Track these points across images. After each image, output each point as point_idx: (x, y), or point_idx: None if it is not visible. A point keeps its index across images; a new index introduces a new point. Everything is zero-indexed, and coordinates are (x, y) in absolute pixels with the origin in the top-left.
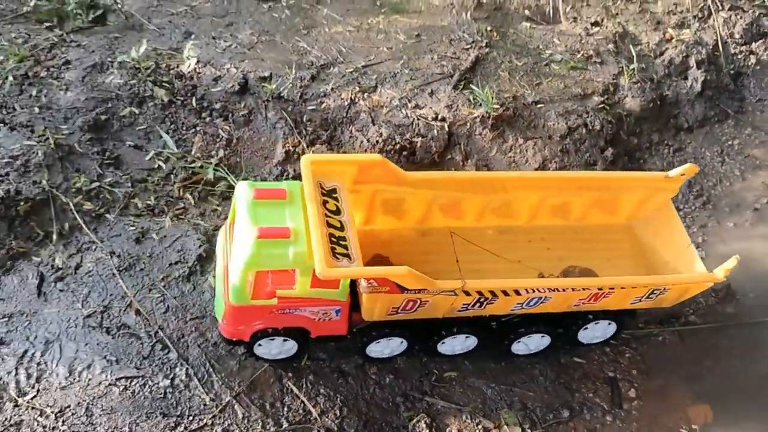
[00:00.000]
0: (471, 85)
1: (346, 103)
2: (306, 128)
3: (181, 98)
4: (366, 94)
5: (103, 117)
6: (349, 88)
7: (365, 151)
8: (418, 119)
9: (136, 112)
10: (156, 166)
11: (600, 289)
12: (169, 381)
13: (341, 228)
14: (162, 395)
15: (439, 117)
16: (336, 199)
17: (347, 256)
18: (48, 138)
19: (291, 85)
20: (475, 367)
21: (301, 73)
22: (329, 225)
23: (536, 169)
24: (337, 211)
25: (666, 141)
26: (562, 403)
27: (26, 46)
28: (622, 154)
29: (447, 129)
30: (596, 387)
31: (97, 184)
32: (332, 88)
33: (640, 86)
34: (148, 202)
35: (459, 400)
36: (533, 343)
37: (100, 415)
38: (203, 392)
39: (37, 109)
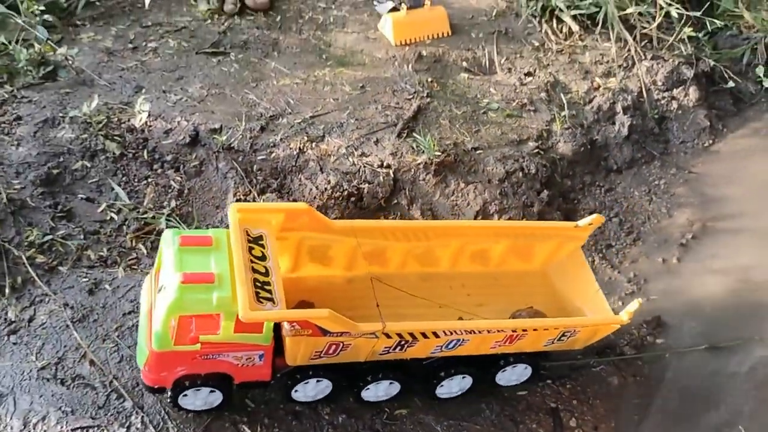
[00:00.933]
0: (414, 133)
1: (295, 153)
2: (256, 177)
3: (133, 151)
4: (314, 144)
5: (55, 171)
6: (297, 138)
7: (314, 198)
8: (365, 166)
9: (88, 165)
10: (108, 217)
11: (514, 331)
12: (125, 430)
13: (266, 273)
14: None
15: (385, 164)
16: (262, 245)
17: (271, 300)
18: (0, 193)
19: (241, 136)
20: (424, 403)
21: (250, 124)
22: (254, 270)
23: (477, 211)
24: (263, 257)
25: (597, 182)
26: None
27: None
28: (557, 195)
29: (392, 175)
30: (539, 418)
31: (49, 237)
32: (281, 138)
33: (571, 132)
34: (101, 253)
35: None
36: (455, 385)
37: None
38: None
39: None
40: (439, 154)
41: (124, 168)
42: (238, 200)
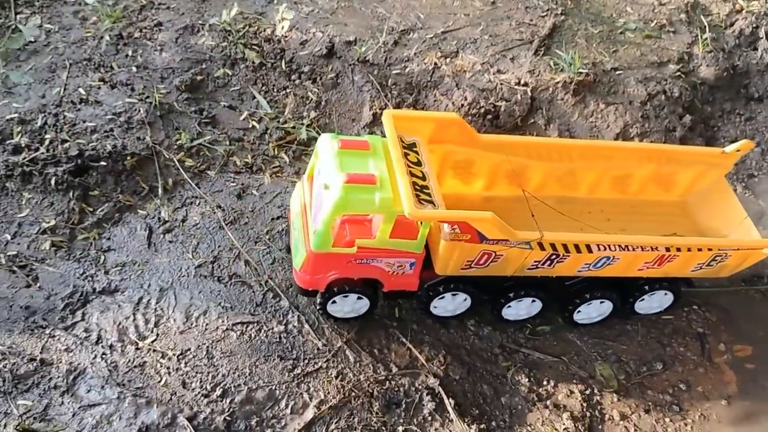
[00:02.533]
0: (551, 51)
1: (429, 68)
2: (391, 91)
3: (271, 60)
4: (448, 59)
5: (198, 77)
6: (431, 53)
7: None
8: (501, 84)
9: (229, 73)
10: (250, 125)
11: (668, 249)
12: (283, 327)
13: (423, 178)
14: (277, 340)
15: (522, 82)
16: (416, 152)
17: (431, 202)
18: (149, 96)
19: (376, 49)
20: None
21: (383, 38)
22: (412, 174)
23: (617, 134)
24: (418, 163)
25: (737, 110)
26: (655, 357)
27: (118, 8)
28: (698, 122)
29: (530, 94)
30: (686, 342)
31: (197, 141)
32: (415, 53)
33: (713, 56)
34: (246, 160)
35: (554, 352)
36: (594, 310)
37: (221, 358)
38: (315, 338)
39: (134, 69)
40: (580, 72)
41: (264, 77)
42: (374, 114)
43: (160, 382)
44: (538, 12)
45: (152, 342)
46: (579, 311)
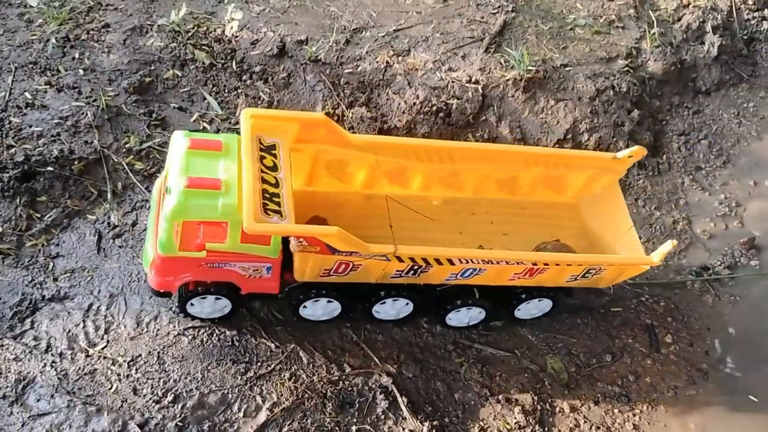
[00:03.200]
0: (502, 48)
1: (381, 66)
2: (344, 90)
3: (222, 61)
4: (400, 58)
5: (147, 79)
6: (383, 51)
7: (403, 112)
8: (453, 82)
9: (179, 74)
10: (201, 127)
11: (535, 264)
12: (236, 330)
13: (276, 184)
14: (230, 343)
15: (473, 79)
16: (274, 155)
17: (279, 212)
18: (96, 99)
19: (328, 48)
20: None
21: (335, 36)
22: (264, 181)
23: (567, 129)
24: (274, 168)
25: (685, 103)
26: (604, 349)
27: (64, 9)
28: (646, 116)
29: (481, 91)
30: (635, 333)
31: (147, 144)
32: (367, 52)
33: (661, 50)
34: None
35: (506, 347)
36: (465, 316)
37: (172, 363)
38: (268, 340)
39: (81, 71)
40: (530, 70)
41: (214, 78)
42: (327, 114)
43: (110, 389)
44: (489, 9)
45: (102, 349)
46: (450, 318)
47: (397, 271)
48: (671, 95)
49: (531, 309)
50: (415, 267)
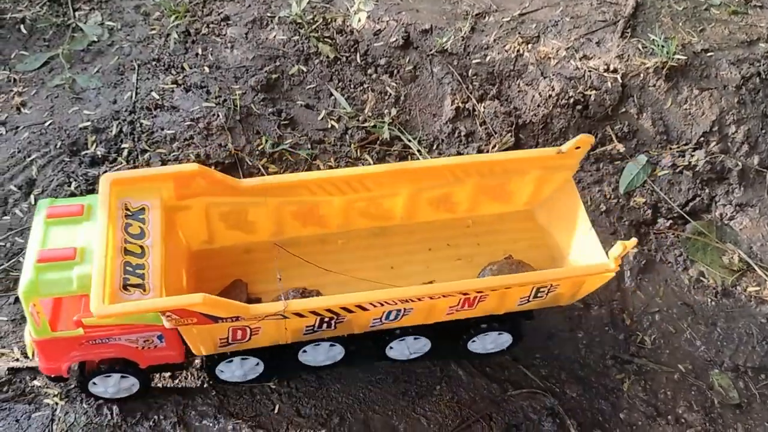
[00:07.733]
0: (637, 32)
1: (512, 56)
2: (473, 83)
3: (345, 54)
4: (530, 45)
5: (273, 76)
6: (511, 39)
7: (537, 106)
8: (590, 71)
9: (304, 69)
10: (330, 126)
11: (465, 294)
12: None
13: (141, 254)
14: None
15: (611, 68)
16: (142, 220)
17: (141, 286)
18: (225, 99)
19: (453, 37)
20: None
21: (458, 23)
22: (127, 252)
23: (713, 121)
24: (141, 235)
25: None
26: None
27: (182, 1)
28: None
29: (620, 81)
30: None
31: (280, 147)
32: (494, 40)
33: None
34: (330, 163)
35: (666, 361)
36: (407, 348)
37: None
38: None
39: (206, 69)
40: (675, 56)
41: (339, 72)
42: (456, 108)
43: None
44: None
45: None
46: (391, 347)
47: (308, 326)
48: None
49: (487, 344)
50: (326, 319)
